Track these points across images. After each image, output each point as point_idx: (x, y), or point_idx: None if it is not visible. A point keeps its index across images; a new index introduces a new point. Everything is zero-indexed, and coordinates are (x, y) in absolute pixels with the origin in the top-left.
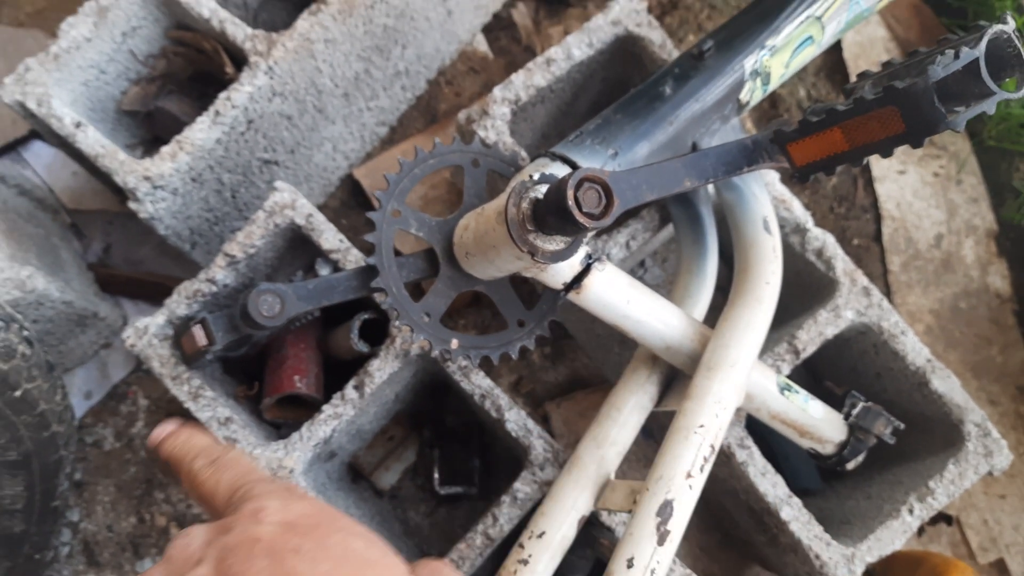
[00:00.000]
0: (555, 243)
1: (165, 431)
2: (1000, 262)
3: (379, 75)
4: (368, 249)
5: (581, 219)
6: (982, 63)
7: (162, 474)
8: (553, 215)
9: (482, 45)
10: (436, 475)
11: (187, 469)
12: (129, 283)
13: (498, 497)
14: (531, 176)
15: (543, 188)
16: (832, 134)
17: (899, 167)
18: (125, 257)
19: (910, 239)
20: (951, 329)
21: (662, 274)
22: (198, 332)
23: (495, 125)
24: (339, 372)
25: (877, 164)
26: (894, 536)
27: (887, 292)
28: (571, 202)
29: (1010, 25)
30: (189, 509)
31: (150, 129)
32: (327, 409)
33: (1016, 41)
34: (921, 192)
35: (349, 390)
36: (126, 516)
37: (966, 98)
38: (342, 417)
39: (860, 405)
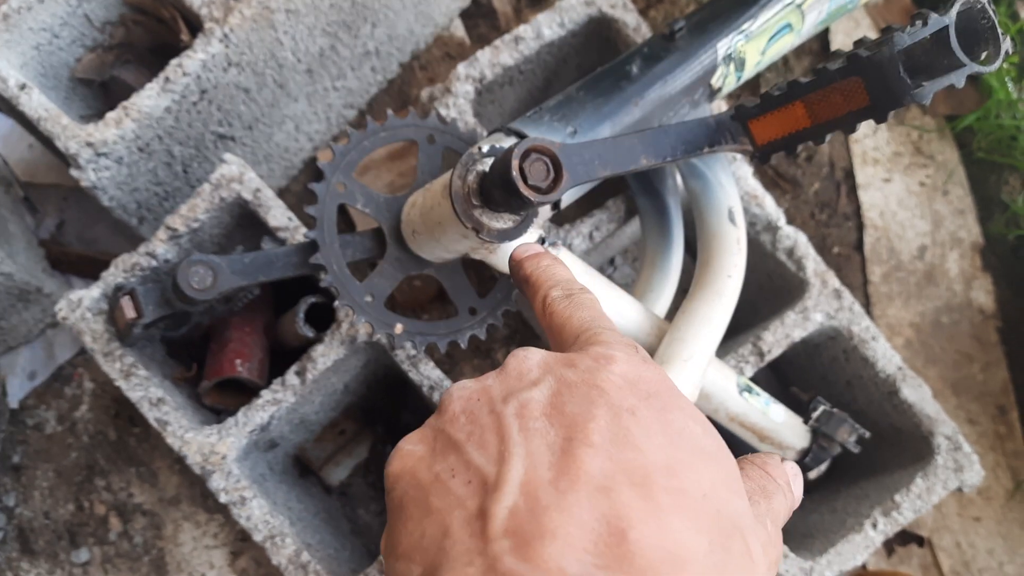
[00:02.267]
0: (502, 221)
1: (531, 250)
2: (985, 277)
3: (346, 53)
4: (311, 224)
5: (526, 192)
6: (951, 31)
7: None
8: (498, 188)
9: (459, 30)
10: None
11: (543, 295)
12: (81, 261)
13: None
14: (480, 149)
15: (491, 161)
16: (794, 109)
17: (884, 175)
18: (79, 234)
19: (893, 249)
20: (931, 344)
21: (632, 273)
22: (126, 304)
23: (457, 103)
24: (287, 361)
25: (862, 171)
26: (855, 551)
27: (867, 303)
28: (516, 173)
29: None
30: (130, 499)
31: (106, 100)
32: (265, 394)
33: (991, 12)
34: (906, 201)
35: (290, 376)
36: (64, 503)
37: (935, 71)
38: (282, 404)
39: (822, 408)
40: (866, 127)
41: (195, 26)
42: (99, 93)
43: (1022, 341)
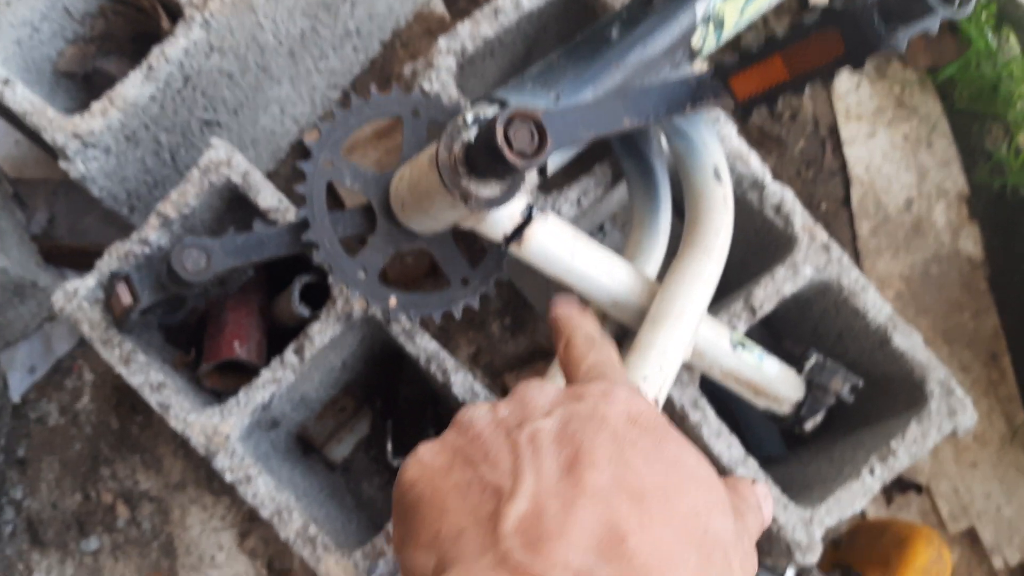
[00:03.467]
0: (490, 188)
1: (573, 303)
2: (972, 226)
3: (327, 34)
4: (301, 203)
5: (512, 158)
6: None
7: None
8: (484, 156)
9: (439, 7)
10: (389, 447)
11: (568, 335)
12: (73, 254)
13: None
14: (464, 118)
15: (475, 130)
16: (773, 63)
17: (868, 130)
18: (70, 227)
19: (879, 203)
20: (922, 295)
21: (622, 239)
22: (122, 290)
23: (439, 76)
24: (286, 341)
25: (846, 126)
26: (854, 498)
27: (856, 258)
28: (501, 140)
29: None
30: (136, 486)
31: (90, 92)
32: (265, 374)
33: None
34: (891, 155)
35: (289, 354)
36: (71, 493)
37: (908, 17)
38: (281, 382)
39: (814, 359)
40: (849, 83)
41: (175, 13)
42: (83, 85)
43: (1011, 288)
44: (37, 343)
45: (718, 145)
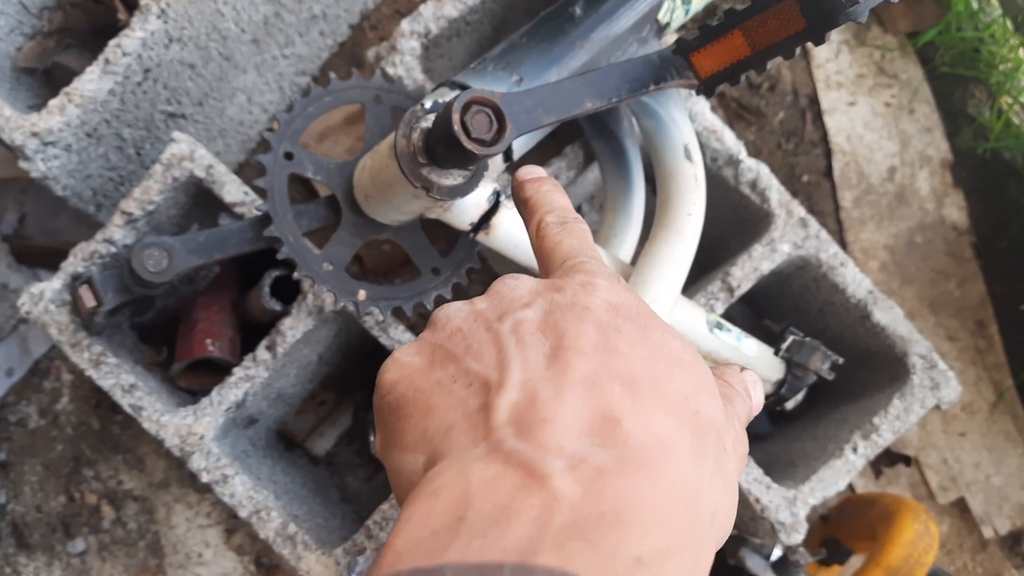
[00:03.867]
0: (452, 177)
1: (534, 173)
2: (956, 193)
3: (292, 19)
4: (264, 197)
5: (470, 146)
6: None
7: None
8: (442, 144)
9: None
10: (372, 438)
11: (539, 218)
12: (45, 253)
13: None
14: (423, 105)
15: (433, 117)
16: (733, 38)
17: (849, 98)
18: (41, 227)
19: (862, 173)
20: (907, 265)
21: (599, 220)
22: (85, 293)
23: (403, 60)
24: (260, 337)
25: (826, 96)
26: (837, 476)
27: (839, 229)
28: (457, 127)
29: None
30: (120, 486)
31: (52, 88)
32: (238, 371)
33: None
34: (872, 124)
35: (261, 351)
36: (55, 495)
37: None
38: (255, 379)
39: (791, 338)
40: (828, 51)
41: (133, 4)
42: (44, 81)
43: (997, 254)
44: (13, 345)
45: (688, 123)
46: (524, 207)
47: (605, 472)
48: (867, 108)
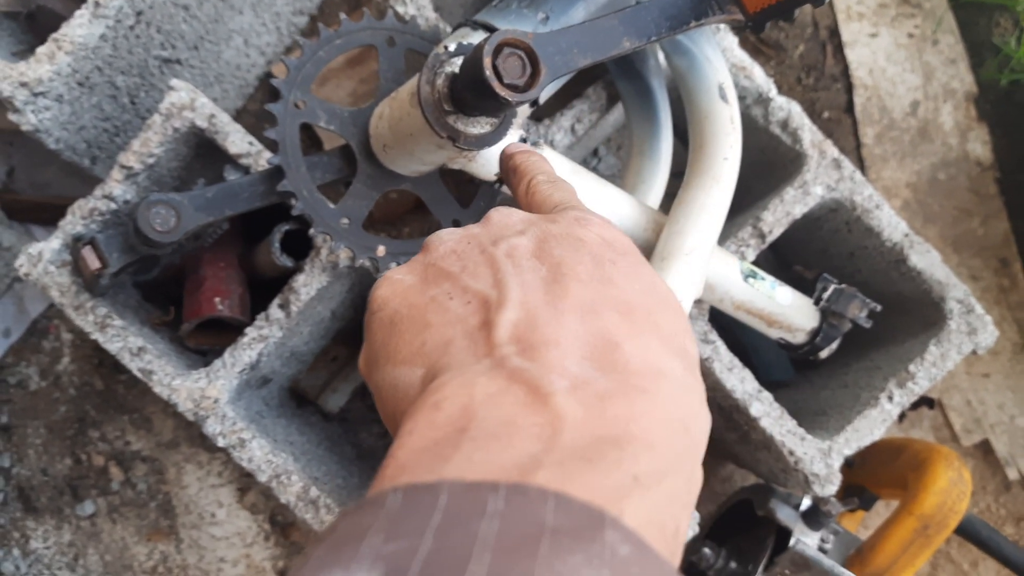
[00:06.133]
0: (479, 125)
1: (527, 149)
2: (980, 127)
3: None
4: (274, 149)
5: (503, 92)
6: None
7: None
8: (471, 91)
9: None
10: None
11: (529, 179)
12: (37, 208)
13: None
14: (446, 48)
15: (459, 61)
16: None
17: (871, 29)
18: (30, 180)
19: (884, 108)
20: (929, 203)
21: (617, 163)
22: (89, 254)
23: None
24: (268, 292)
25: (847, 27)
26: (873, 426)
27: (861, 167)
28: (489, 72)
29: None
30: (127, 447)
31: (36, 33)
32: (251, 332)
33: None
34: (895, 56)
35: (274, 309)
36: (61, 458)
37: None
38: (269, 339)
39: (832, 287)
40: None
41: None
42: (26, 26)
43: (1021, 190)
44: (9, 305)
45: (722, 61)
46: (513, 174)
47: (606, 395)
48: (889, 39)
